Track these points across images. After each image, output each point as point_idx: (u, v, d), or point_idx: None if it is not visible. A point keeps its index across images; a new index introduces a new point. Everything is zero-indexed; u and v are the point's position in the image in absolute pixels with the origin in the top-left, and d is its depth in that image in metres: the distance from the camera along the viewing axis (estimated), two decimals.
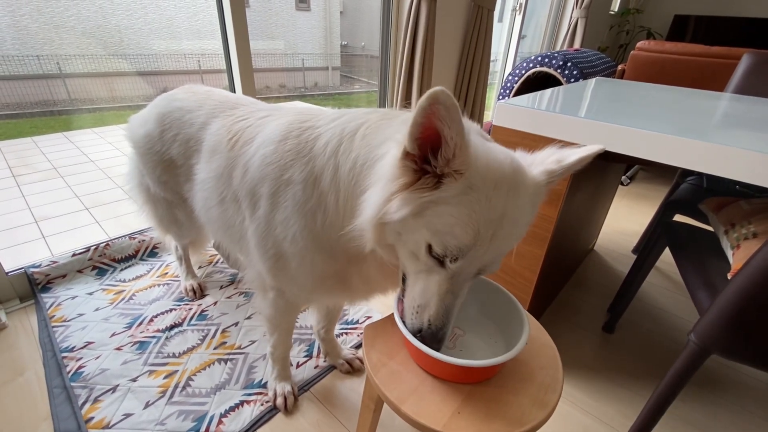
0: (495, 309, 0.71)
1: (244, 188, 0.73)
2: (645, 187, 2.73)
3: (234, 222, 0.79)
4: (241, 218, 0.76)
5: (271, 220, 0.68)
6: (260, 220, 0.70)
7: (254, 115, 0.80)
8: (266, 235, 0.69)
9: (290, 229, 0.65)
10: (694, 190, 1.39)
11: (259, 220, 0.70)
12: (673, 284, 1.65)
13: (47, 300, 1.32)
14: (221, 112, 0.87)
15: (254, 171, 0.70)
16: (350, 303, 1.07)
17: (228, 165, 0.77)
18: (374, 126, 0.59)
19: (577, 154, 0.52)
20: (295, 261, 0.68)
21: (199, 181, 0.87)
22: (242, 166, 0.74)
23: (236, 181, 0.75)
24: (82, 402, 1.00)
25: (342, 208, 0.60)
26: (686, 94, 1.34)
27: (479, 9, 2.46)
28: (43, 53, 5.83)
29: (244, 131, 0.77)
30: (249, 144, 0.74)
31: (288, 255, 0.68)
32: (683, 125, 0.89)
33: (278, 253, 0.70)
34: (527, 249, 1.08)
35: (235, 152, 0.76)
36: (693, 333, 0.80)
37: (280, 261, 0.71)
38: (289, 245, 0.67)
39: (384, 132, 0.57)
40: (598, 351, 1.28)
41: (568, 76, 2.41)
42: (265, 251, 0.71)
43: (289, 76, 9.48)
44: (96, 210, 2.36)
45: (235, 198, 0.76)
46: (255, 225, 0.71)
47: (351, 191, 0.58)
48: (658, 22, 5.13)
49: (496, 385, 0.61)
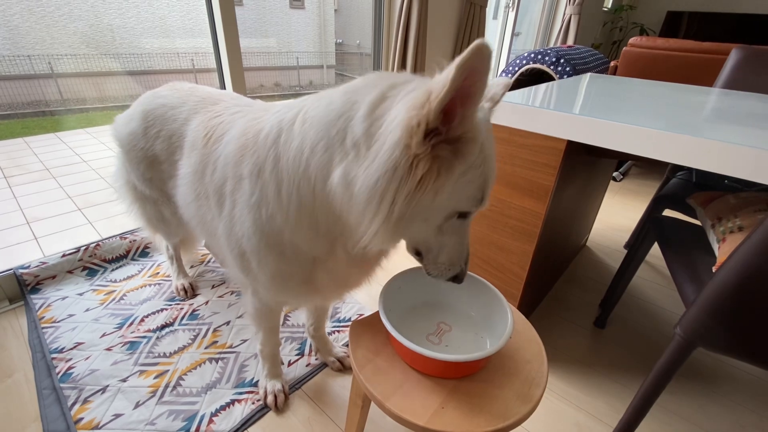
0: (481, 304, 0.71)
1: (212, 186, 0.73)
2: (638, 182, 2.74)
3: (206, 218, 0.78)
4: (212, 216, 0.76)
5: (233, 218, 0.67)
6: (225, 219, 0.69)
7: (227, 111, 0.80)
8: (230, 233, 0.69)
9: (244, 226, 0.65)
10: (684, 185, 1.39)
11: (224, 219, 0.69)
12: (663, 278, 1.66)
13: (37, 301, 1.31)
14: (202, 107, 0.87)
15: (220, 170, 0.70)
16: (324, 303, 1.06)
17: (202, 161, 0.77)
18: (312, 110, 0.55)
19: (499, 87, 0.56)
20: (254, 260, 0.67)
21: (180, 176, 0.87)
22: (212, 163, 0.73)
23: (207, 178, 0.75)
24: (71, 403, 0.99)
25: (286, 198, 0.58)
26: (676, 89, 1.35)
27: (471, 5, 2.46)
28: (35, 53, 5.78)
29: (217, 128, 0.77)
30: (219, 142, 0.74)
31: (248, 254, 0.68)
32: (672, 120, 0.89)
33: (241, 251, 0.69)
34: (516, 245, 1.08)
35: (207, 149, 0.76)
36: (679, 326, 0.80)
37: (243, 260, 0.70)
38: (246, 243, 0.66)
39: (321, 112, 0.53)
40: (590, 346, 1.29)
41: (561, 73, 2.42)
42: (231, 250, 0.71)
43: (284, 75, 9.44)
44: (89, 210, 2.35)
45: (207, 195, 0.76)
46: (222, 224, 0.71)
47: (299, 181, 0.55)
48: (651, 18, 5.15)
49: (481, 380, 0.61)
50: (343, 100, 0.51)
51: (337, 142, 0.50)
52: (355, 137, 0.48)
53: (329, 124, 0.51)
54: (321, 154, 0.52)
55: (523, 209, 1.03)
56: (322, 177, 0.52)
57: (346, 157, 0.49)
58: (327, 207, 0.55)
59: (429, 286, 0.76)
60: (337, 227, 0.58)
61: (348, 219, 0.53)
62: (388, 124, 0.46)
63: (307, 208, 0.57)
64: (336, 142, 0.50)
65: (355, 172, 0.48)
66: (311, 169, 0.53)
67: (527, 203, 1.01)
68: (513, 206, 1.05)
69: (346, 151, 0.49)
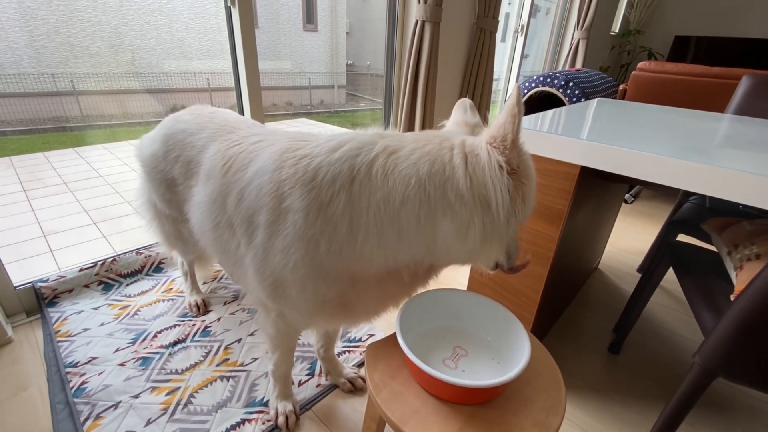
0: (497, 329, 0.71)
1: (239, 216, 0.73)
2: (649, 205, 2.73)
3: (229, 248, 0.79)
4: (236, 244, 0.76)
5: (270, 248, 0.68)
6: (258, 248, 0.70)
7: (247, 140, 0.81)
8: (264, 263, 0.70)
9: (291, 257, 0.65)
10: (697, 210, 1.39)
11: (256, 249, 0.70)
12: (678, 303, 1.63)
13: (53, 314, 1.34)
14: (219, 135, 0.89)
15: (251, 200, 0.70)
16: (352, 326, 1.06)
17: (222, 191, 0.78)
18: (389, 165, 0.60)
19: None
20: (295, 288, 0.68)
21: (195, 203, 0.88)
22: (236, 193, 0.74)
23: (230, 207, 0.76)
24: (84, 418, 1.00)
25: (362, 238, 0.61)
26: (687, 115, 1.36)
27: (482, 31, 2.52)
28: (58, 71, 6.02)
29: (237, 157, 0.78)
30: (243, 171, 0.74)
31: (288, 282, 0.69)
32: (684, 147, 0.90)
33: (277, 280, 0.70)
34: (529, 268, 1.08)
35: (228, 178, 0.77)
36: (698, 355, 0.79)
37: (279, 288, 0.71)
38: (290, 272, 0.67)
39: (404, 170, 0.59)
40: (604, 372, 1.26)
41: (570, 96, 2.45)
42: (263, 279, 0.71)
43: (296, 94, 9.68)
44: (103, 224, 2.40)
45: (230, 224, 0.77)
46: (252, 253, 0.71)
47: (382, 227, 0.60)
48: (658, 42, 5.22)
49: (497, 407, 0.61)
50: (429, 160, 0.58)
51: (438, 198, 0.57)
52: (459, 192, 0.57)
53: (422, 184, 0.58)
54: (417, 208, 0.58)
55: (536, 232, 1.03)
56: (415, 224, 0.59)
57: (451, 209, 0.57)
58: (413, 246, 0.60)
59: (444, 309, 0.77)
60: (417, 258, 0.63)
61: (448, 254, 0.61)
62: (486, 175, 0.57)
63: (390, 247, 0.61)
64: (436, 198, 0.58)
65: (467, 219, 0.57)
66: (402, 218, 0.59)
67: (540, 226, 1.02)
68: (526, 229, 1.05)
69: (450, 203, 0.57)
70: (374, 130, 0.69)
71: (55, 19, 5.91)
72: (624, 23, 5.16)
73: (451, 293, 0.77)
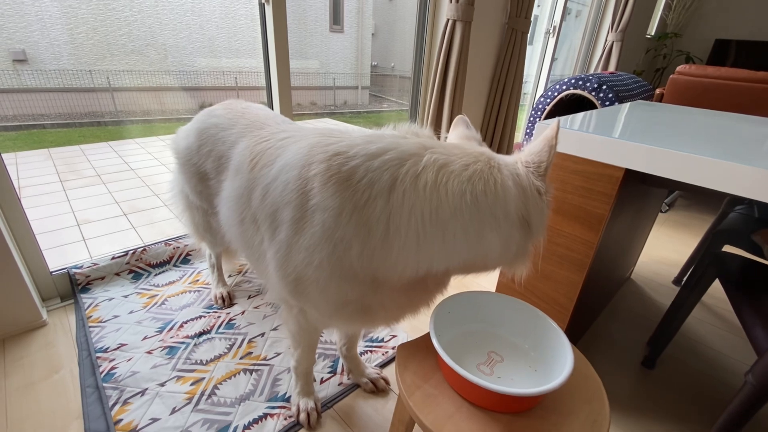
0: (534, 335, 0.68)
1: (263, 211, 0.73)
2: (684, 215, 2.60)
3: (253, 243, 0.79)
4: (260, 239, 0.76)
5: (294, 245, 0.66)
6: (281, 244, 0.69)
7: (275, 137, 0.81)
8: (287, 259, 0.68)
9: (316, 255, 0.64)
10: (745, 220, 1.31)
11: (279, 244, 0.69)
12: (715, 318, 1.54)
13: (86, 300, 1.37)
14: (249, 131, 0.89)
15: (276, 196, 0.69)
16: (370, 329, 1.05)
17: (248, 186, 0.78)
18: (440, 178, 0.59)
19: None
20: (317, 287, 0.67)
21: (223, 198, 0.89)
22: (262, 188, 0.74)
23: (255, 203, 0.75)
24: (112, 403, 1.02)
25: (398, 245, 0.60)
26: (734, 119, 1.29)
27: (513, 32, 2.47)
28: (95, 68, 6.28)
29: (265, 153, 0.78)
30: (269, 167, 0.74)
31: (310, 280, 0.67)
32: (734, 150, 0.84)
33: (299, 277, 0.68)
34: (564, 274, 1.04)
35: (254, 174, 0.77)
36: (750, 374, 0.74)
37: (300, 285, 0.70)
38: (314, 271, 0.65)
39: (458, 185, 0.59)
40: (638, 387, 1.20)
41: (603, 99, 2.37)
42: (285, 275, 0.70)
43: (320, 94, 9.78)
44: (133, 216, 2.47)
45: (254, 219, 0.76)
46: (275, 249, 0.71)
47: (425, 236, 0.59)
48: (696, 46, 5.01)
49: (537, 417, 0.58)
50: (482, 179, 0.60)
51: (486, 215, 0.59)
52: (506, 210, 0.60)
53: (476, 200, 0.59)
54: (467, 221, 0.59)
55: (573, 237, 0.99)
56: (462, 235, 0.59)
57: (499, 226, 0.60)
58: (453, 256, 0.61)
59: (478, 312, 0.74)
60: (452, 266, 0.62)
61: (485, 264, 0.64)
62: (529, 199, 0.62)
63: (426, 254, 0.61)
64: (485, 215, 0.59)
65: (509, 234, 0.61)
66: (450, 229, 0.59)
67: (579, 231, 0.98)
68: (562, 234, 1.01)
69: (497, 220, 0.60)
70: (407, 127, 0.68)
71: (94, 18, 6.16)
72: (660, 26, 4.98)
73: (486, 296, 0.75)
